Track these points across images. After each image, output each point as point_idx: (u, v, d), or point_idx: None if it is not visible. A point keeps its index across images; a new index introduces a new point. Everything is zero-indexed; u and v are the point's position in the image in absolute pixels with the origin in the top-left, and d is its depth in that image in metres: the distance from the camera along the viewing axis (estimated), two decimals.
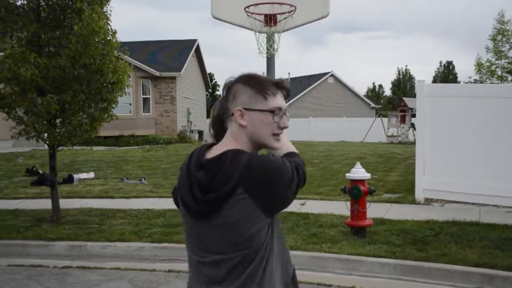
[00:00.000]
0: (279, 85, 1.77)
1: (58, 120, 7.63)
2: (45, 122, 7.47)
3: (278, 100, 1.75)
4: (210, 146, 1.80)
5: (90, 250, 6.71)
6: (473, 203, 8.36)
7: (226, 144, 1.74)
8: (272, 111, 1.73)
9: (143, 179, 11.49)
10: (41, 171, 11.87)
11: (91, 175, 12.15)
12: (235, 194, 1.61)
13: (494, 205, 8.20)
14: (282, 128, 1.77)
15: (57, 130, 7.55)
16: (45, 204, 8.41)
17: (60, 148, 7.84)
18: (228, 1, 6.31)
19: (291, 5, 5.95)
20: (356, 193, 6.33)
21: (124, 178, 11.67)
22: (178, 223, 7.39)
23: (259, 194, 1.62)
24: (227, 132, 1.78)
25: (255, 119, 1.72)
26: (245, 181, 1.60)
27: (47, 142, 7.68)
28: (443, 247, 6.06)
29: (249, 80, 1.75)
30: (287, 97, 1.81)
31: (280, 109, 1.75)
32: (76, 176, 11.41)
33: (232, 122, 1.75)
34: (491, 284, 5.23)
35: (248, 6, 5.96)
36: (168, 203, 8.83)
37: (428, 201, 8.70)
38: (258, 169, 1.62)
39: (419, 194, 8.74)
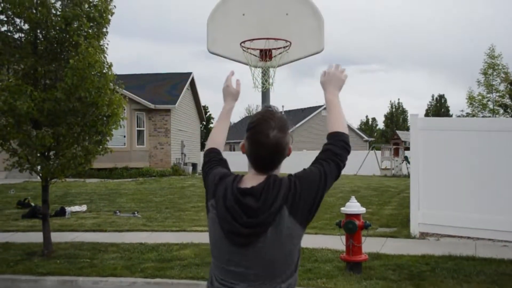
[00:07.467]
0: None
1: (52, 152, 7.60)
2: (38, 154, 7.43)
3: None
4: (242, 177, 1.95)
5: (81, 286, 6.58)
6: (468, 237, 8.33)
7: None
8: None
9: (136, 212, 11.39)
10: (33, 204, 11.75)
11: (84, 208, 12.04)
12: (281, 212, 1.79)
13: (489, 239, 8.17)
14: None
15: (51, 163, 7.51)
16: (36, 237, 8.28)
17: (53, 180, 7.78)
18: (224, 36, 6.38)
19: (286, 41, 6.03)
20: (351, 228, 6.28)
21: (117, 211, 11.56)
22: (172, 258, 7.29)
23: (299, 210, 1.81)
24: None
25: None
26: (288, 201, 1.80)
27: (40, 175, 7.63)
28: (439, 282, 5.99)
29: None
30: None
31: None
32: (68, 209, 11.30)
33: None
34: None
35: (244, 41, 6.03)
36: (161, 237, 8.73)
37: (424, 235, 8.66)
38: (298, 188, 1.83)
39: (414, 228, 8.70)
